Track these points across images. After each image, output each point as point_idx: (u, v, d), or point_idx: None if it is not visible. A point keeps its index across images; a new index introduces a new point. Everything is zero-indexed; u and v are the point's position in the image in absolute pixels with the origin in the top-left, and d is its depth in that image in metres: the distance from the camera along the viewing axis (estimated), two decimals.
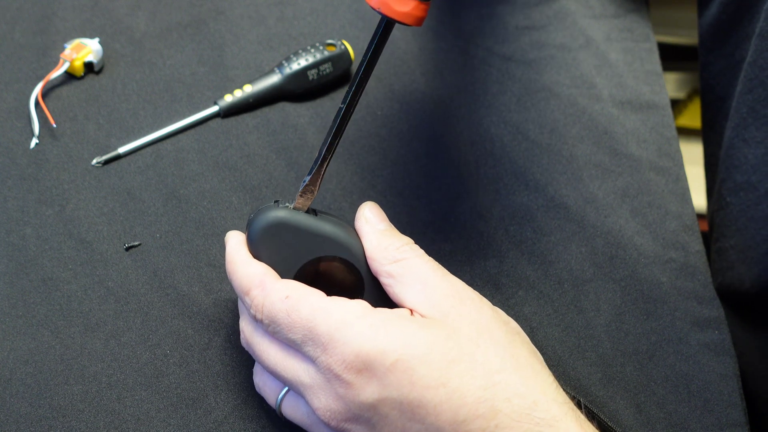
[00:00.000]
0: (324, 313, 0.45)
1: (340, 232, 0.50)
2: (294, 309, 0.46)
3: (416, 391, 0.44)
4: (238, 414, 0.54)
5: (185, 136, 0.68)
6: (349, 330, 0.44)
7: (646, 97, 0.74)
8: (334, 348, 0.44)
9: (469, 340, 0.45)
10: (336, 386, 0.44)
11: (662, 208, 0.67)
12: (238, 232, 0.52)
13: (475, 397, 0.44)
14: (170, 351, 0.57)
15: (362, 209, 0.51)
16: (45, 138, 0.67)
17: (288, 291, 0.47)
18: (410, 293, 0.47)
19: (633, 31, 0.79)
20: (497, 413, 0.44)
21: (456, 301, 0.47)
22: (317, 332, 0.45)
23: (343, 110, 0.50)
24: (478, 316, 0.47)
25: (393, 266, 0.48)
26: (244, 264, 0.49)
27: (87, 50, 0.70)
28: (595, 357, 0.59)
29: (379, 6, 0.47)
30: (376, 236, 0.50)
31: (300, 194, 0.50)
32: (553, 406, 0.45)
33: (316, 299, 0.46)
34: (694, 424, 0.56)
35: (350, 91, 0.49)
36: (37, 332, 0.57)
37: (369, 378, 0.44)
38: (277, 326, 0.46)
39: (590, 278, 0.63)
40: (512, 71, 0.75)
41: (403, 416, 0.44)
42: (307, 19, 0.77)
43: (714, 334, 0.60)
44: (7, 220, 0.62)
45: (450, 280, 0.48)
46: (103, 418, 0.54)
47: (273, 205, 0.50)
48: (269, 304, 0.47)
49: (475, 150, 0.69)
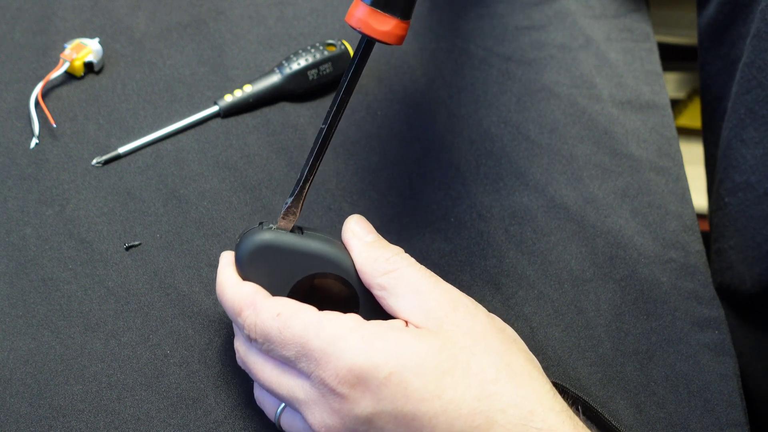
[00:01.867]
0: (316, 328, 0.45)
1: (327, 248, 0.50)
2: (286, 326, 0.45)
3: (411, 403, 0.43)
4: (238, 414, 0.54)
5: (185, 136, 0.68)
6: (342, 344, 0.44)
7: (646, 97, 0.74)
8: (327, 363, 0.44)
9: (463, 349, 0.45)
10: (330, 401, 0.44)
11: (662, 208, 0.67)
12: (229, 252, 0.52)
13: (470, 409, 0.43)
14: (170, 351, 0.57)
15: (348, 223, 0.51)
16: (45, 138, 0.67)
17: (279, 308, 0.46)
18: (403, 304, 0.47)
19: (633, 31, 0.79)
20: (493, 424, 0.43)
21: (450, 309, 0.47)
22: (310, 347, 0.45)
23: (325, 130, 0.49)
24: (472, 324, 0.46)
25: (384, 278, 0.48)
26: (233, 286, 0.49)
27: (87, 50, 0.70)
28: (595, 357, 0.59)
29: (359, 26, 0.47)
30: (365, 249, 0.49)
31: (282, 216, 0.50)
32: (550, 416, 0.44)
33: (308, 315, 0.46)
34: (694, 424, 0.56)
35: (331, 111, 0.49)
36: (37, 332, 0.57)
37: (363, 392, 0.44)
38: (271, 344, 0.46)
39: (590, 278, 0.63)
40: (512, 71, 0.75)
41: (399, 429, 0.44)
42: (307, 19, 0.77)
43: (714, 334, 0.60)
44: (7, 220, 0.62)
45: (443, 287, 0.48)
46: (103, 418, 0.54)
47: (257, 228, 0.50)
48: (261, 323, 0.46)
49: (475, 150, 0.69)
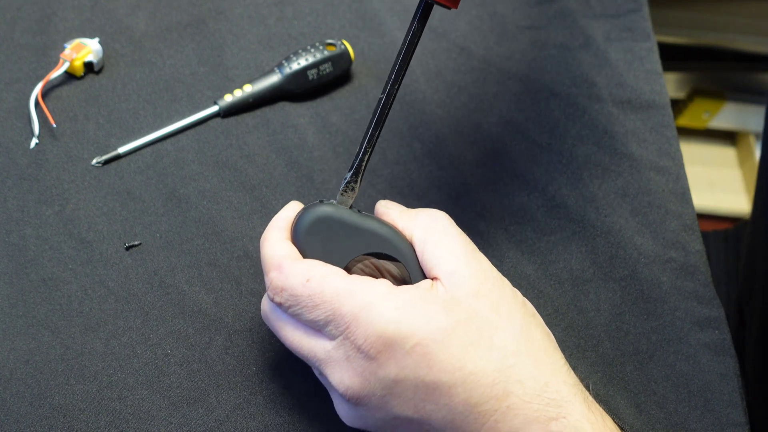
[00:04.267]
0: (348, 294, 0.46)
1: (387, 229, 0.50)
2: (317, 293, 0.46)
3: (433, 373, 0.45)
4: (239, 413, 0.54)
5: (185, 136, 0.68)
6: (374, 310, 0.45)
7: (646, 97, 0.74)
8: (357, 326, 0.45)
9: (488, 321, 0.46)
10: (354, 362, 0.45)
11: (662, 207, 0.67)
12: (295, 204, 0.52)
13: (490, 380, 0.45)
14: (171, 350, 0.57)
15: (380, 203, 0.52)
16: (45, 138, 0.67)
17: (308, 273, 0.47)
18: (438, 262, 0.48)
19: (633, 31, 0.79)
20: (509, 395, 0.45)
21: (482, 278, 0.47)
22: (341, 313, 0.45)
23: (383, 100, 0.49)
24: (499, 296, 0.47)
25: (425, 231, 0.49)
26: (270, 244, 0.49)
27: (87, 50, 0.70)
28: (595, 357, 0.59)
29: None
30: (405, 211, 0.51)
31: (341, 192, 0.51)
32: (563, 388, 0.46)
33: (338, 280, 0.46)
34: (694, 424, 0.56)
35: (390, 80, 0.49)
36: (37, 332, 0.57)
37: (388, 358, 0.45)
38: (299, 308, 0.47)
39: (590, 278, 0.63)
40: (512, 71, 0.75)
41: (417, 396, 0.45)
42: (307, 19, 0.77)
43: (714, 334, 0.60)
44: (7, 220, 0.62)
45: (477, 256, 0.49)
46: (104, 417, 0.54)
47: (318, 203, 0.50)
48: (290, 288, 0.47)
49: (475, 150, 0.69)
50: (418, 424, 0.46)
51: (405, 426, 0.47)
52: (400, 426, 0.47)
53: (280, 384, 0.56)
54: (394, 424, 0.47)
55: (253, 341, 0.57)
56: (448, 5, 0.48)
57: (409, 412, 0.46)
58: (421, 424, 0.46)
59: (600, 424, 0.46)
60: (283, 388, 0.56)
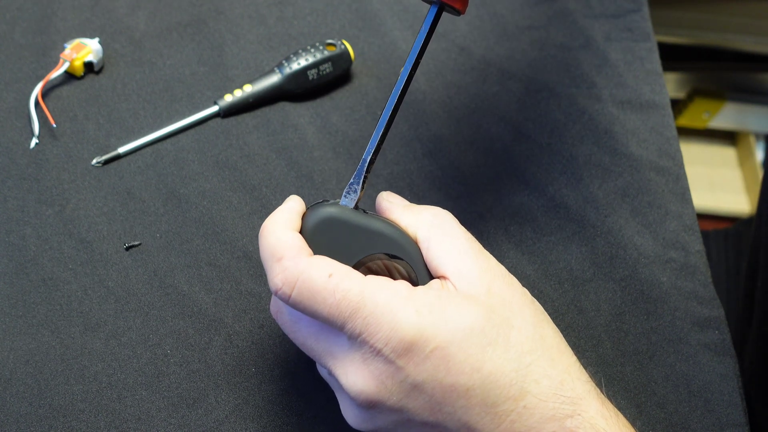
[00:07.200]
0: (371, 293, 0.44)
1: (393, 230, 0.49)
2: (341, 289, 0.44)
3: (451, 376, 0.44)
4: (238, 414, 0.54)
5: (185, 136, 0.68)
6: (397, 313, 0.44)
7: (646, 97, 0.74)
8: (378, 329, 0.44)
9: (504, 320, 0.45)
10: (371, 364, 0.44)
11: (662, 208, 0.67)
12: (296, 198, 0.50)
13: (507, 380, 0.44)
14: (171, 351, 0.57)
15: (381, 196, 0.51)
16: (45, 138, 0.67)
17: (331, 269, 0.45)
18: (446, 261, 0.47)
19: (633, 31, 0.79)
20: (526, 394, 0.44)
21: (492, 276, 0.47)
22: (362, 314, 0.44)
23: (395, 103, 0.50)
24: (511, 294, 0.47)
25: (430, 230, 0.48)
26: (276, 233, 0.46)
27: (87, 50, 0.70)
28: (595, 357, 0.59)
29: None
30: (407, 207, 0.50)
31: (345, 193, 0.50)
32: (578, 384, 0.45)
33: (362, 279, 0.45)
34: (694, 424, 0.56)
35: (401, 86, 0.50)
36: (37, 332, 0.57)
37: (407, 361, 0.44)
38: (314, 304, 0.44)
39: (590, 278, 0.63)
40: (512, 71, 0.75)
41: (434, 400, 0.44)
42: (307, 19, 0.77)
43: (714, 334, 0.60)
44: (7, 220, 0.62)
45: (485, 254, 0.48)
46: (104, 417, 0.54)
47: (323, 203, 0.50)
48: (308, 281, 0.44)
49: (475, 150, 0.69)
50: (432, 427, 0.45)
51: (417, 429, 0.46)
52: (411, 429, 0.46)
53: (279, 385, 0.56)
54: (405, 428, 0.46)
55: (252, 342, 0.57)
56: (458, 8, 0.49)
57: (425, 415, 0.45)
58: (435, 426, 0.45)
59: (614, 421, 0.46)
60: (283, 389, 0.56)
